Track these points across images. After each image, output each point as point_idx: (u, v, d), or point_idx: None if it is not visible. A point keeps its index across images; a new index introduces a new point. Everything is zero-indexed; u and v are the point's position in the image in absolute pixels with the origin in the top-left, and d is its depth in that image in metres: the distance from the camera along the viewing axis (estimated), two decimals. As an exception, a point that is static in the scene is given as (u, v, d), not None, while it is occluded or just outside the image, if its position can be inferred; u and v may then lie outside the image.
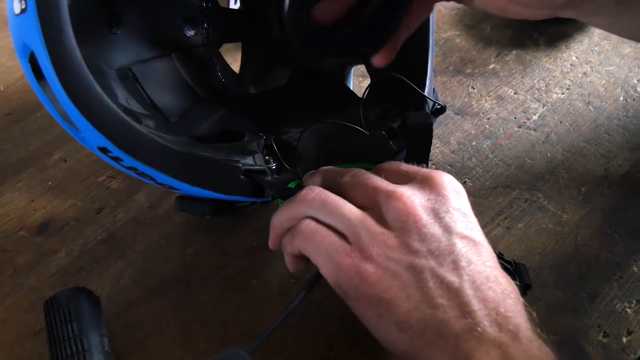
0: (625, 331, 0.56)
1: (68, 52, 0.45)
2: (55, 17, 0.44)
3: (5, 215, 0.65)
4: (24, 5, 0.44)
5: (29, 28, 0.45)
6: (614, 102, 0.73)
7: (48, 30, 0.44)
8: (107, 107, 0.46)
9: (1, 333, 0.56)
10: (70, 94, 0.45)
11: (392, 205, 0.46)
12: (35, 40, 0.44)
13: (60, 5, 0.44)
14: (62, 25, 0.44)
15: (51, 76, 0.45)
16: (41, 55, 0.45)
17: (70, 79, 0.45)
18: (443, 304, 0.44)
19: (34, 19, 0.44)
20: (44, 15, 0.44)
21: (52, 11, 0.44)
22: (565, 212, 0.64)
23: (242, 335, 0.56)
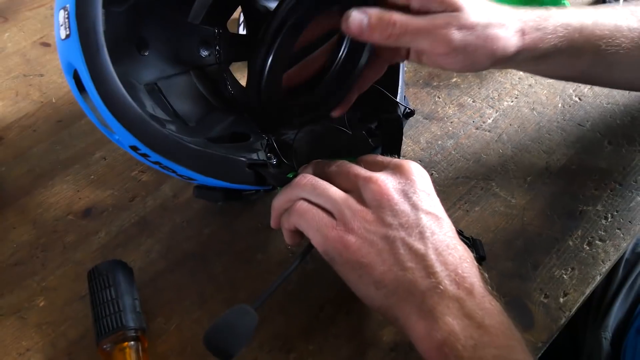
0: (562, 293, 0.57)
1: (104, 69, 0.45)
2: (93, 41, 0.44)
3: (56, 203, 0.64)
4: (68, 32, 0.44)
5: (72, 50, 0.45)
6: (554, 108, 0.73)
7: (88, 51, 0.44)
8: (136, 113, 0.46)
9: (53, 297, 0.56)
10: (107, 103, 0.45)
11: (369, 188, 0.47)
12: (78, 59, 0.44)
13: (97, 32, 0.44)
14: (99, 48, 0.44)
15: (91, 89, 0.45)
16: (83, 72, 0.45)
17: (106, 90, 0.45)
18: (412, 266, 0.44)
19: (76, 43, 0.44)
20: (84, 39, 0.44)
21: (90, 36, 0.44)
22: (514, 198, 0.64)
23: (248, 298, 0.56)
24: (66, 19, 0.44)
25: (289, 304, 0.56)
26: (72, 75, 0.46)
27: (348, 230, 0.46)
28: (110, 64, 0.45)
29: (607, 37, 0.54)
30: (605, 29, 0.54)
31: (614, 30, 0.55)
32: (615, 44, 0.55)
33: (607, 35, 0.54)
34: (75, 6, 0.44)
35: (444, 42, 0.47)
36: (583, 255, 0.59)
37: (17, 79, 0.77)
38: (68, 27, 0.44)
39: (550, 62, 0.55)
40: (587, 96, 0.74)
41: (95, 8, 0.44)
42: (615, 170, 0.66)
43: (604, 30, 0.54)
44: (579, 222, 0.62)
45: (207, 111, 0.65)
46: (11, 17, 0.86)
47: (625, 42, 0.55)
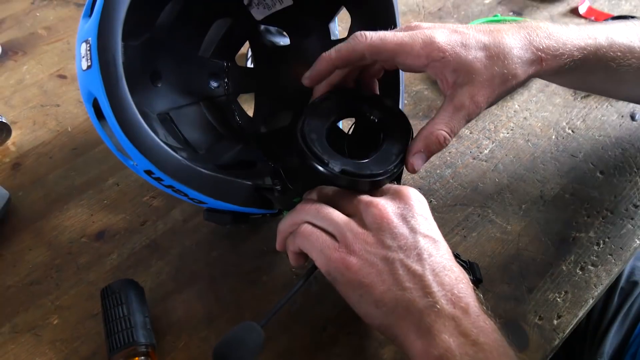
0: (556, 315, 0.58)
1: (123, 98, 0.47)
2: (113, 72, 0.46)
3: (71, 226, 0.66)
4: (90, 63, 0.46)
5: (93, 80, 0.46)
6: (548, 139, 0.75)
7: (108, 82, 0.46)
8: (152, 139, 0.48)
9: (67, 316, 0.58)
10: (124, 130, 0.47)
11: (370, 212, 0.49)
12: (98, 89, 0.46)
13: (117, 64, 0.46)
14: (118, 78, 0.46)
15: (110, 116, 0.46)
16: (102, 100, 0.46)
17: (124, 118, 0.47)
18: (410, 286, 0.45)
19: (97, 73, 0.46)
20: (105, 70, 0.46)
21: (110, 68, 0.46)
22: (509, 224, 0.66)
23: (254, 318, 0.55)
24: (88, 51, 0.47)
25: (292, 324, 0.57)
26: (92, 104, 0.48)
27: (350, 252, 0.47)
28: (129, 94, 0.47)
29: (620, 58, 0.56)
30: (619, 50, 0.56)
31: (627, 52, 0.57)
32: (626, 64, 0.57)
33: (620, 57, 0.56)
34: (97, 39, 0.46)
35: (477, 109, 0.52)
36: (576, 280, 0.61)
37: (34, 109, 0.80)
38: (90, 58, 0.47)
39: (562, 78, 0.58)
40: (579, 129, 0.76)
41: (116, 42, 0.47)
42: (607, 199, 0.68)
43: (617, 52, 0.56)
44: (572, 248, 0.63)
45: (216, 140, 0.68)
46: (30, 50, 0.89)
47: (636, 62, 0.57)
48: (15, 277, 0.61)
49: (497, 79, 0.51)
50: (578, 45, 0.54)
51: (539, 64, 0.53)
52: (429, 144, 0.52)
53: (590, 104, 0.79)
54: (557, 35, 0.54)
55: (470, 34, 0.52)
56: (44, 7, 0.98)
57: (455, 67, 0.51)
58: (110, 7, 0.46)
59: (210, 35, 0.68)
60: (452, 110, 0.52)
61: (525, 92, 0.81)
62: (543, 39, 0.53)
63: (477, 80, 0.51)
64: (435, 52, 0.51)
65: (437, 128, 0.52)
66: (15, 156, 0.74)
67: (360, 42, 0.52)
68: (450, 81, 0.52)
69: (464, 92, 0.51)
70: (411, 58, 0.51)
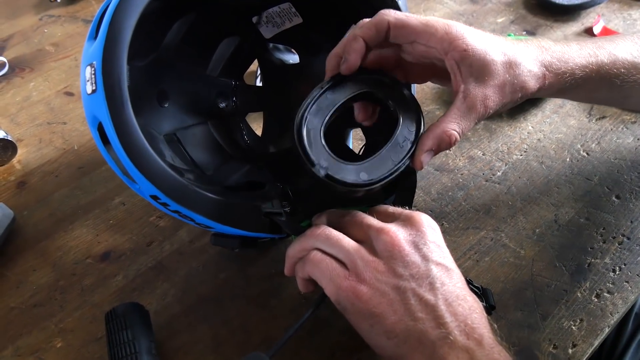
0: (571, 344, 0.57)
1: (128, 122, 0.46)
2: (118, 96, 0.46)
3: (76, 247, 0.66)
4: (95, 87, 0.46)
5: (98, 104, 0.46)
6: (562, 162, 0.74)
7: (113, 106, 0.46)
8: (158, 164, 0.48)
9: (71, 339, 0.57)
10: (129, 155, 0.46)
11: (381, 239, 0.48)
12: (103, 113, 0.46)
13: (122, 88, 0.46)
14: (123, 102, 0.46)
15: (115, 141, 0.46)
16: (107, 125, 0.46)
17: (130, 143, 0.46)
18: (422, 317, 0.45)
19: (102, 98, 0.46)
20: (110, 95, 0.46)
21: (115, 92, 0.46)
22: (522, 249, 0.65)
23: (262, 343, 0.57)
24: (92, 75, 0.46)
25: (300, 349, 0.56)
26: (97, 128, 0.48)
27: (360, 281, 0.46)
28: (134, 118, 0.47)
29: (624, 74, 0.56)
30: (622, 67, 0.56)
31: (631, 68, 0.56)
32: (630, 80, 0.56)
33: (624, 73, 0.56)
34: (101, 63, 0.46)
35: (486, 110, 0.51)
36: (591, 307, 0.60)
37: (41, 127, 0.80)
38: (94, 82, 0.46)
39: (566, 94, 0.58)
40: (594, 151, 0.75)
41: (121, 65, 0.46)
42: (623, 224, 0.67)
43: (620, 69, 0.56)
44: (587, 274, 0.62)
45: (224, 160, 0.67)
46: (37, 67, 0.90)
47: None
48: (19, 298, 0.61)
49: (507, 87, 0.51)
50: (580, 64, 0.54)
51: (542, 81, 0.52)
52: (440, 142, 0.50)
53: (605, 126, 0.78)
54: (560, 54, 0.54)
55: (491, 36, 0.52)
56: (51, 23, 0.98)
57: (473, 63, 0.50)
58: (115, 30, 0.46)
59: (217, 54, 0.68)
60: (465, 110, 0.50)
61: (539, 113, 0.80)
62: (548, 57, 0.53)
63: (490, 83, 0.50)
64: (458, 42, 0.50)
65: (451, 127, 0.50)
66: (20, 174, 0.74)
67: (386, 15, 0.51)
68: (465, 77, 0.50)
69: (478, 93, 0.50)
70: (434, 40, 0.50)
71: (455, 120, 0.50)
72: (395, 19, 0.51)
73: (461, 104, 0.51)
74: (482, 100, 0.50)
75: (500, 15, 0.99)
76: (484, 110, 0.51)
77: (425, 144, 0.51)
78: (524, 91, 0.52)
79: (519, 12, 0.99)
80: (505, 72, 0.50)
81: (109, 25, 0.46)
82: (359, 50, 0.52)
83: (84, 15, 0.99)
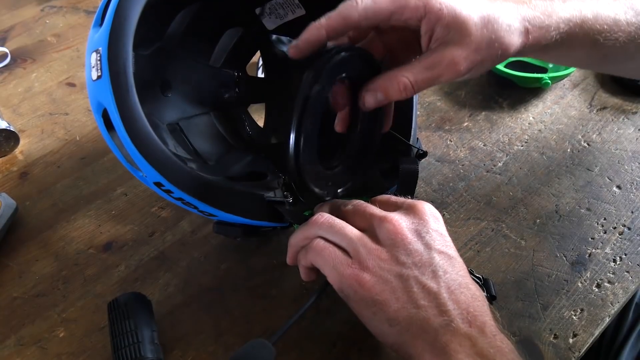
0: (571, 334, 0.57)
1: (133, 108, 0.46)
2: (124, 82, 0.46)
3: (78, 237, 0.66)
4: (100, 73, 0.46)
5: (103, 90, 0.46)
6: (563, 152, 0.74)
7: (118, 92, 0.45)
8: (162, 151, 0.47)
9: (73, 329, 0.57)
10: (134, 141, 0.46)
11: (384, 227, 0.48)
12: (108, 99, 0.46)
13: (128, 74, 0.46)
14: (129, 89, 0.46)
15: (119, 127, 0.46)
16: (112, 111, 0.46)
17: (134, 129, 0.46)
18: (425, 304, 0.45)
19: (107, 84, 0.45)
20: (115, 81, 0.45)
21: (121, 78, 0.45)
22: (523, 239, 0.65)
23: (263, 333, 0.57)
24: (98, 61, 0.46)
25: (302, 339, 0.56)
26: (101, 114, 0.48)
27: (363, 268, 0.46)
28: (139, 104, 0.46)
29: (606, 31, 0.54)
30: (605, 23, 0.54)
31: (613, 25, 0.54)
32: (612, 38, 0.55)
33: (606, 30, 0.54)
34: (107, 49, 0.46)
35: (454, 73, 0.48)
36: (592, 297, 0.60)
37: (43, 118, 0.80)
38: (100, 68, 0.46)
39: (548, 53, 0.55)
40: (595, 142, 0.75)
41: (127, 51, 0.46)
42: (624, 215, 0.67)
43: (603, 25, 0.54)
44: (588, 264, 0.62)
45: (226, 150, 0.67)
46: (39, 58, 0.89)
47: (622, 36, 0.55)
48: (22, 288, 0.61)
49: (484, 43, 0.48)
50: (563, 17, 0.52)
51: (525, 36, 0.50)
52: (389, 86, 0.49)
53: (606, 117, 0.78)
54: (543, 7, 0.51)
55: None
56: (53, 14, 0.98)
57: (448, 23, 0.47)
58: (121, 16, 0.46)
59: (221, 45, 0.68)
60: (426, 65, 0.48)
61: (540, 104, 0.80)
62: (529, 10, 0.50)
63: (465, 41, 0.47)
64: (431, 3, 0.47)
65: (403, 74, 0.48)
66: (23, 165, 0.74)
67: (353, 7, 0.48)
68: (440, 37, 0.48)
69: (448, 51, 0.48)
70: (408, 11, 0.47)
71: (411, 70, 0.48)
72: (364, 10, 0.47)
73: (425, 58, 0.48)
74: (451, 59, 0.48)
75: None
76: (451, 69, 0.48)
77: (372, 83, 0.50)
78: (504, 47, 0.49)
79: None
80: (483, 28, 0.48)
81: (115, 12, 0.46)
82: (314, 41, 0.49)
83: (86, 6, 0.99)
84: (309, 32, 0.49)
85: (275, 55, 0.73)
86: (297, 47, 0.49)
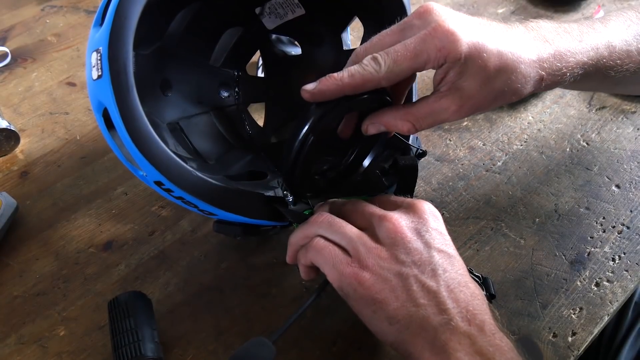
0: (571, 332, 0.57)
1: (134, 108, 0.46)
2: (124, 81, 0.45)
3: (78, 236, 0.66)
4: (100, 73, 0.46)
5: (104, 90, 0.46)
6: (562, 152, 0.74)
7: (118, 92, 0.45)
8: (163, 150, 0.47)
9: (73, 327, 0.57)
10: (134, 140, 0.46)
11: (384, 226, 0.48)
12: (109, 98, 0.46)
13: (128, 73, 0.46)
14: (129, 88, 0.46)
15: (120, 126, 0.46)
16: (113, 110, 0.46)
17: (135, 128, 0.46)
18: (424, 303, 0.45)
19: (108, 83, 0.45)
20: (115, 80, 0.45)
21: (121, 77, 0.45)
22: (523, 238, 0.65)
23: (263, 331, 0.57)
24: (98, 61, 0.46)
25: (302, 338, 0.56)
26: (102, 113, 0.48)
27: (363, 267, 0.47)
28: (139, 104, 0.46)
29: (618, 65, 0.54)
30: (618, 58, 0.54)
31: (625, 58, 0.55)
32: (624, 69, 0.55)
33: (619, 64, 0.54)
34: (107, 49, 0.46)
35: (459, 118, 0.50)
36: (591, 296, 0.60)
37: (43, 117, 0.80)
38: (100, 68, 0.46)
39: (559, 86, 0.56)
40: (594, 141, 0.75)
41: (127, 51, 0.46)
42: (623, 214, 0.67)
43: (616, 60, 0.54)
44: (587, 263, 0.62)
45: (226, 150, 0.67)
46: (39, 57, 0.89)
47: (633, 66, 0.56)
48: (22, 287, 0.61)
49: (494, 93, 0.48)
50: (581, 62, 0.51)
51: (538, 83, 0.50)
52: (393, 125, 0.50)
53: (605, 116, 0.78)
54: (563, 50, 0.50)
55: (490, 33, 0.48)
56: (53, 13, 0.98)
57: (463, 71, 0.47)
58: (121, 16, 0.46)
59: (220, 45, 0.68)
60: (432, 111, 0.49)
61: (539, 104, 0.80)
62: (550, 56, 0.49)
63: (476, 89, 0.47)
64: (454, 54, 0.46)
65: (408, 118, 0.49)
66: (23, 164, 0.74)
67: (376, 72, 0.47)
68: (451, 80, 0.48)
69: (457, 98, 0.48)
70: (430, 65, 0.47)
71: (416, 114, 0.49)
72: (387, 74, 0.47)
73: (433, 102, 0.49)
74: (458, 106, 0.48)
75: (500, 6, 0.98)
76: (455, 115, 0.49)
77: (376, 117, 0.51)
78: (514, 97, 0.49)
79: (519, 2, 0.99)
80: (498, 79, 0.47)
81: (115, 11, 0.46)
82: (331, 95, 0.49)
83: (86, 5, 0.99)
84: (327, 85, 0.48)
85: (275, 55, 0.73)
86: (313, 94, 0.49)
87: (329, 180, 0.57)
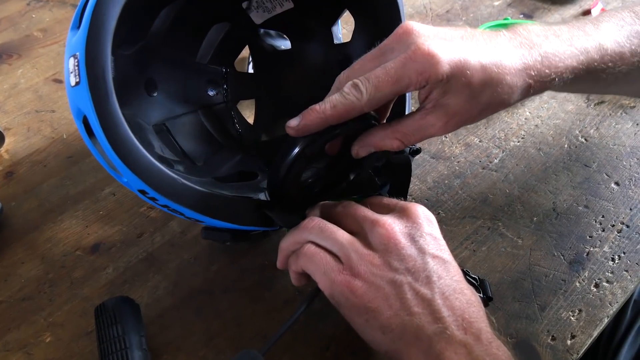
0: (570, 335, 0.56)
1: (113, 116, 0.44)
2: (103, 88, 0.44)
3: (65, 238, 0.64)
4: (78, 79, 0.44)
5: (82, 97, 0.44)
6: (560, 148, 0.73)
7: (97, 99, 0.44)
8: (145, 158, 0.46)
9: (60, 333, 0.56)
10: (115, 148, 0.45)
11: (376, 232, 0.47)
12: (87, 106, 0.44)
13: (107, 79, 0.44)
14: (107, 94, 0.44)
15: (100, 134, 0.44)
16: (92, 118, 0.44)
17: (115, 136, 0.45)
18: (418, 311, 0.44)
19: (86, 90, 0.44)
20: (94, 87, 0.44)
21: (100, 84, 0.44)
22: (520, 238, 0.64)
23: (255, 336, 0.56)
24: (76, 67, 0.45)
25: (294, 343, 0.55)
26: (82, 120, 0.47)
27: (354, 275, 0.45)
28: (119, 111, 0.45)
29: (610, 67, 0.53)
30: (610, 61, 0.53)
31: (618, 60, 0.54)
32: (616, 71, 0.54)
33: (610, 67, 0.53)
34: (85, 54, 0.44)
35: (446, 132, 0.50)
36: (590, 297, 0.59)
37: (29, 115, 0.78)
38: (78, 74, 0.44)
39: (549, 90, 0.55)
40: (593, 137, 0.74)
41: (105, 55, 0.44)
42: (623, 212, 0.66)
43: (607, 63, 0.53)
44: (586, 263, 0.61)
45: (215, 150, 0.66)
46: (25, 54, 0.88)
47: (625, 68, 0.54)
48: (7, 292, 0.60)
49: (480, 107, 0.48)
50: (571, 67, 0.50)
51: (526, 91, 0.49)
52: (381, 145, 0.50)
53: (604, 112, 0.77)
54: (551, 55, 0.49)
55: (472, 46, 0.47)
56: (39, 8, 0.96)
57: (447, 90, 0.46)
58: (99, 18, 0.44)
59: (207, 41, 0.67)
60: (419, 127, 0.49)
61: (536, 99, 0.79)
62: (537, 63, 0.48)
63: (461, 105, 0.47)
64: (435, 76, 0.45)
65: (395, 136, 0.49)
66: (8, 164, 0.72)
67: (358, 101, 0.46)
68: (435, 98, 0.47)
69: (442, 114, 0.47)
70: (412, 88, 0.46)
71: (403, 130, 0.49)
72: (369, 101, 0.46)
73: (419, 118, 0.49)
74: (445, 122, 0.48)
75: (497, -1, 0.97)
76: (441, 131, 0.49)
77: (365, 138, 0.51)
78: (501, 107, 0.49)
79: (516, -5, 0.98)
80: (483, 92, 0.47)
81: (92, 14, 0.44)
82: (314, 128, 0.48)
83: (73, 0, 0.97)
84: (310, 119, 0.48)
85: (264, 50, 0.71)
86: (297, 130, 0.48)
87: (316, 193, 0.56)
